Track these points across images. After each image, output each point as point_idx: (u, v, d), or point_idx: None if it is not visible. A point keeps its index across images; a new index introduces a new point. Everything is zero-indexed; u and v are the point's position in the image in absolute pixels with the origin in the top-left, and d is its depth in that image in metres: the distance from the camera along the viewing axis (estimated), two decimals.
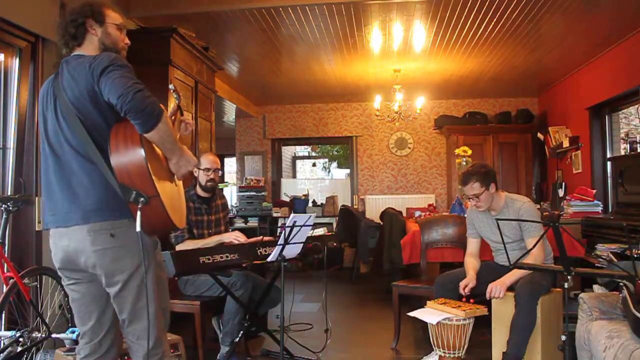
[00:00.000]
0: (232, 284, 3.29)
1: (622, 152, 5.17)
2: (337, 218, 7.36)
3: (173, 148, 1.86)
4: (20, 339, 2.82)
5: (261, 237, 3.49)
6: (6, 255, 2.87)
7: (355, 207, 8.25)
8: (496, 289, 3.03)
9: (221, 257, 2.87)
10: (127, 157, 1.76)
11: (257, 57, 5.95)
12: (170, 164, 1.93)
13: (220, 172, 3.68)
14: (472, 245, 3.51)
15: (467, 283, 3.21)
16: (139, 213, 1.72)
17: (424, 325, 3.36)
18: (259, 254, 3.10)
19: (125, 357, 2.38)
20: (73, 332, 2.83)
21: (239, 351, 3.50)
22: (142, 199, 1.72)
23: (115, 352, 1.99)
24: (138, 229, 1.73)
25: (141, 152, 1.75)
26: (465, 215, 3.65)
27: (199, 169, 3.53)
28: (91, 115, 1.82)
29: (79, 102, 1.82)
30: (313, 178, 13.17)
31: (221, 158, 10.21)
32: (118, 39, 1.99)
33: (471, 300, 3.13)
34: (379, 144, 8.55)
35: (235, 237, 3.45)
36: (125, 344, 2.00)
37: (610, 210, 5.36)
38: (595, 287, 3.56)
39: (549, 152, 7.27)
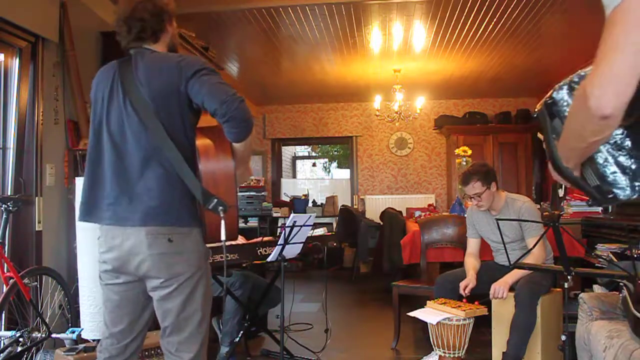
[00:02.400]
0: (231, 284, 3.29)
1: None
2: (337, 218, 7.36)
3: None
4: (20, 339, 2.82)
5: (261, 237, 3.49)
6: (6, 255, 2.86)
7: (355, 207, 8.24)
8: (499, 289, 3.03)
9: (221, 257, 2.86)
10: (218, 164, 1.78)
11: (257, 57, 5.95)
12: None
13: None
14: (472, 245, 3.51)
15: (467, 283, 3.20)
16: (223, 222, 1.73)
17: (424, 325, 3.36)
18: (259, 254, 3.10)
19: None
20: (73, 332, 2.82)
21: (239, 351, 3.50)
22: (221, 207, 1.71)
23: (136, 358, 1.97)
24: (223, 237, 1.73)
25: (231, 163, 1.79)
26: (465, 215, 3.65)
27: None
28: (171, 114, 1.77)
29: (161, 99, 1.77)
30: (313, 178, 13.17)
31: None
32: (176, 41, 2.06)
33: (464, 301, 3.14)
34: (379, 144, 8.55)
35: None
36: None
37: (610, 210, 5.36)
38: (595, 287, 3.56)
39: None
